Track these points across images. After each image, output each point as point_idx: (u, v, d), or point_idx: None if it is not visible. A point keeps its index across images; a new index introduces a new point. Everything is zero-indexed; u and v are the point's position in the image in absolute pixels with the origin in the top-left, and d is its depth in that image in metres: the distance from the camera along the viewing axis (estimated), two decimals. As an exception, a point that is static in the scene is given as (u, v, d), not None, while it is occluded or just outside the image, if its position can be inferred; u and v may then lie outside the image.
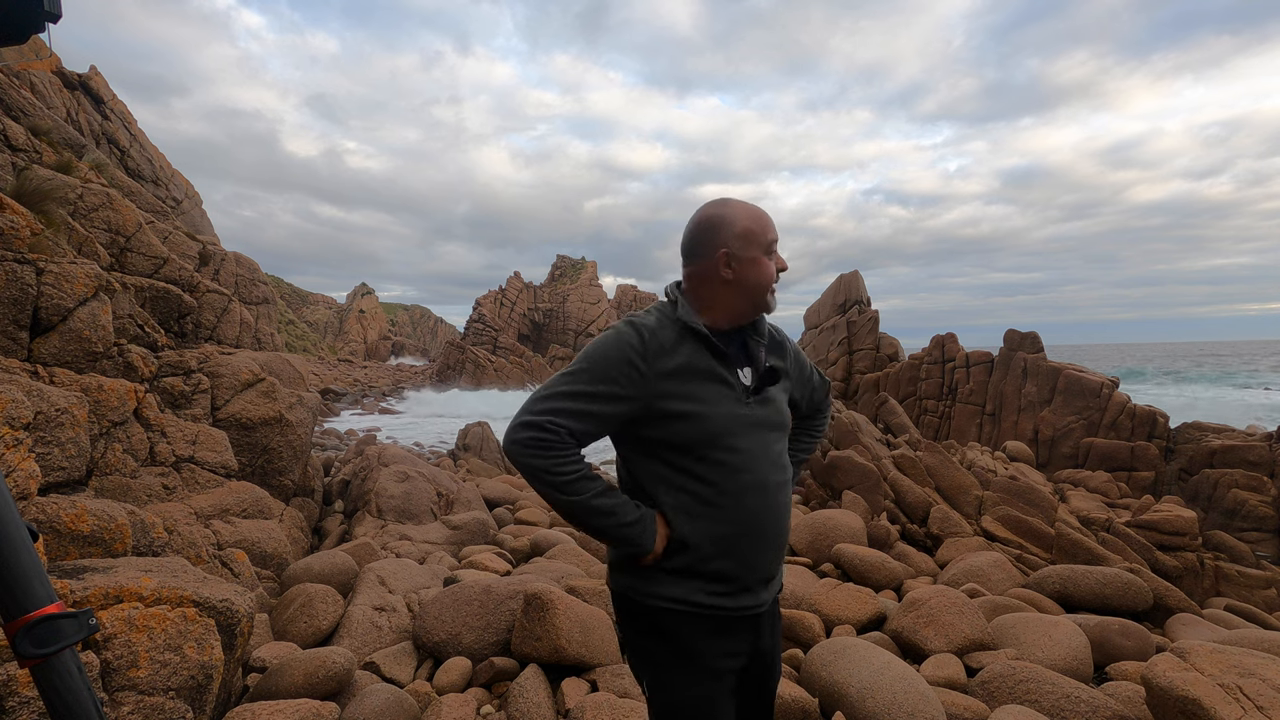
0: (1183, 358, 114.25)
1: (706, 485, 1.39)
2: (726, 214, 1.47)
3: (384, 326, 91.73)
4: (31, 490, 2.44)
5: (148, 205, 11.49)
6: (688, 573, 1.41)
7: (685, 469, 1.40)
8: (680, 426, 1.38)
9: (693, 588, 1.41)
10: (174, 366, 5.23)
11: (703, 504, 1.39)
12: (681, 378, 1.39)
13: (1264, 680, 2.54)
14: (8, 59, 10.97)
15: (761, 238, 1.46)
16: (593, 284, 67.30)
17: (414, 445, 18.01)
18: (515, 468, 1.40)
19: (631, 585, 1.45)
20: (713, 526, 1.39)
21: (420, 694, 2.91)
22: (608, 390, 1.36)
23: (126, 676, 1.90)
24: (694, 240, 1.49)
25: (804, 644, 3.85)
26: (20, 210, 4.30)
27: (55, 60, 17.11)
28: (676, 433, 1.39)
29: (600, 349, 1.39)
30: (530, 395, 1.40)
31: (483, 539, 5.91)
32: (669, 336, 1.42)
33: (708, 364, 1.42)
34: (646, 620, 1.44)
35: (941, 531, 7.41)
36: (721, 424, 1.40)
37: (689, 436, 1.39)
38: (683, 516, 1.40)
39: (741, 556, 1.43)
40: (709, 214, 1.48)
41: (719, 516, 1.40)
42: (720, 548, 1.40)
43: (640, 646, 1.47)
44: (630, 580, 1.46)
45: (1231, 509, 14.67)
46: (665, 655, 1.42)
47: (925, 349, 22.80)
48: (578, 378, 1.37)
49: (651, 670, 1.45)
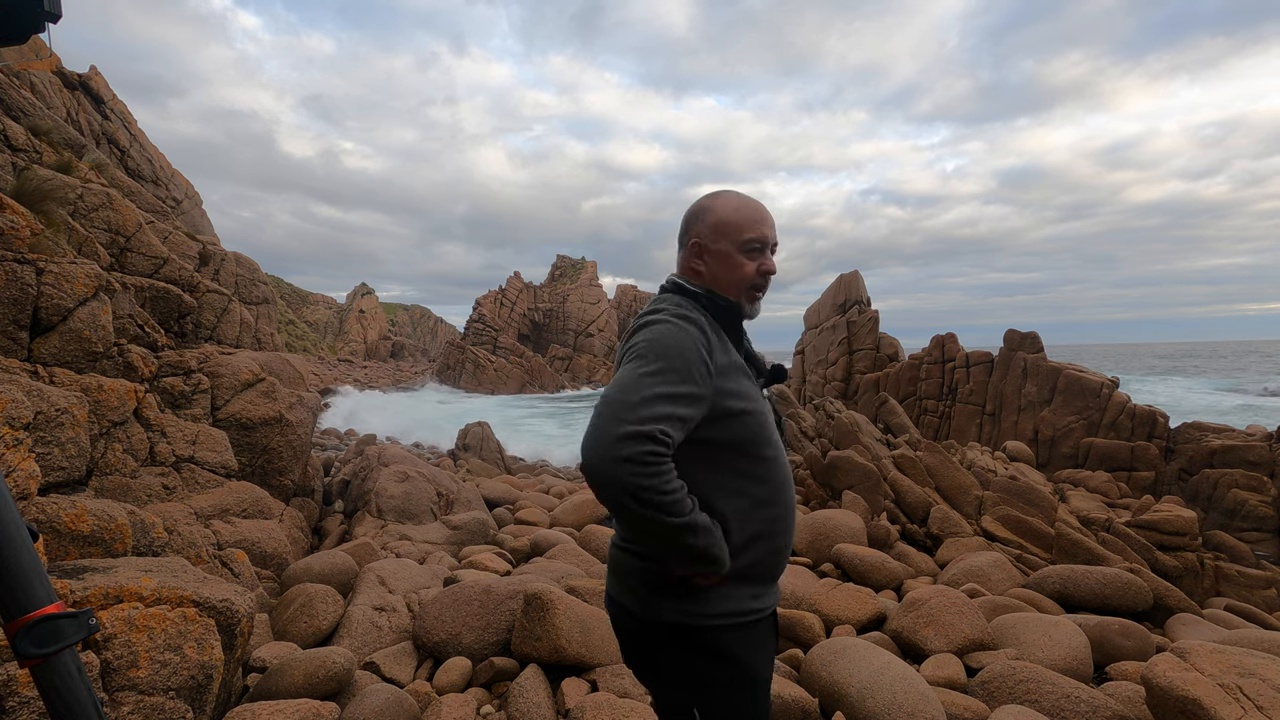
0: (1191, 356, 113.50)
1: (762, 484, 1.34)
2: (709, 203, 1.40)
3: (384, 326, 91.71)
4: (31, 490, 2.44)
5: (148, 205, 11.49)
6: (738, 580, 1.31)
7: (744, 471, 1.32)
8: (739, 424, 1.31)
9: (743, 596, 1.32)
10: (174, 366, 5.23)
11: (758, 505, 1.33)
12: (733, 374, 1.33)
13: (1264, 680, 2.54)
14: (8, 59, 10.96)
15: (736, 233, 1.35)
16: (593, 284, 67.30)
17: (414, 445, 18.02)
18: (606, 491, 1.13)
19: (685, 610, 1.30)
20: (765, 526, 1.34)
21: (420, 694, 2.91)
22: (694, 391, 1.21)
23: (126, 676, 1.90)
24: (681, 230, 1.45)
25: (804, 644, 3.85)
26: (20, 210, 4.30)
27: (55, 60, 17.11)
28: (736, 432, 1.31)
29: (675, 345, 1.23)
30: (612, 399, 1.17)
31: (483, 539, 5.91)
32: (706, 325, 1.34)
33: (739, 358, 1.37)
34: (703, 643, 1.30)
35: (941, 531, 7.41)
36: (766, 420, 1.36)
37: (745, 435, 1.31)
38: (739, 521, 1.30)
39: (782, 553, 1.40)
40: (696, 203, 1.43)
41: (772, 516, 1.35)
42: (769, 547, 1.35)
43: (695, 673, 1.31)
44: (682, 605, 1.30)
45: (1231, 509, 14.67)
46: (725, 677, 1.30)
47: (925, 349, 22.81)
48: (668, 378, 1.19)
49: (708, 696, 1.30)
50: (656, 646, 1.34)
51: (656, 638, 1.33)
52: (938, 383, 21.90)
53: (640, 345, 1.25)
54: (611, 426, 1.13)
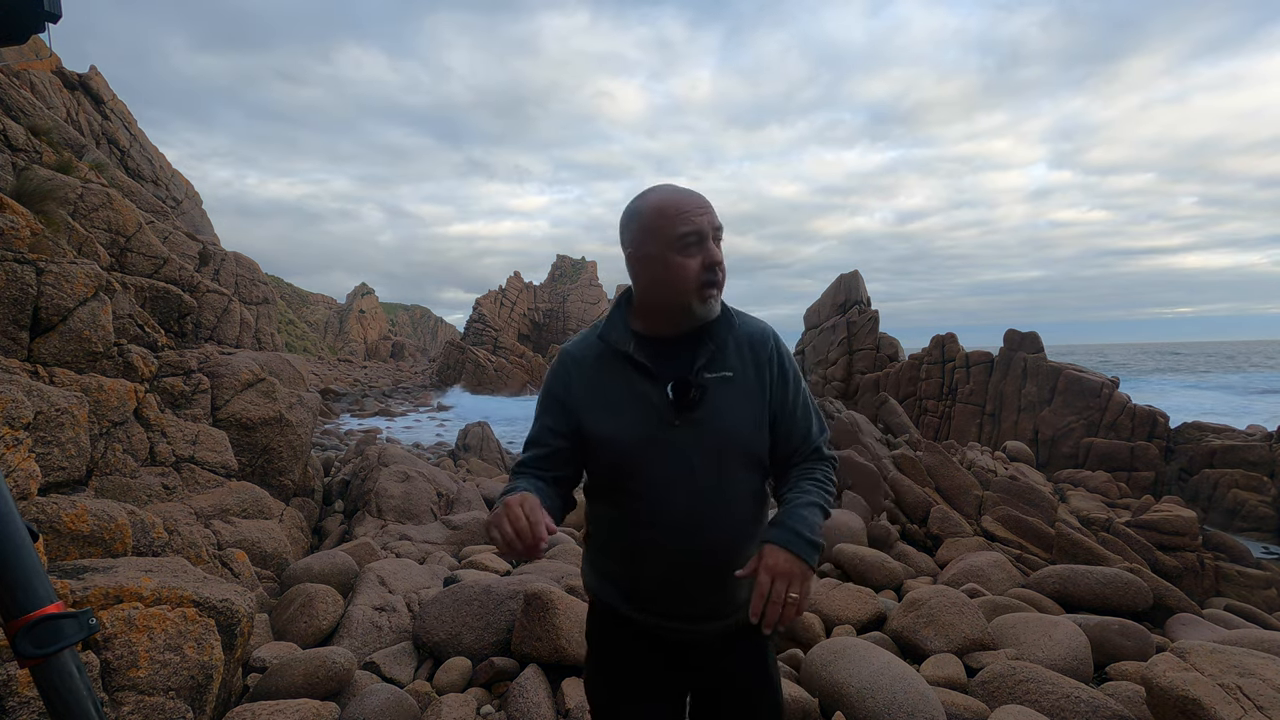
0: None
1: (619, 512, 1.32)
2: (635, 206, 1.29)
3: (384, 326, 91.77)
4: (31, 490, 2.44)
5: (148, 205, 11.49)
6: (595, 568, 1.45)
7: (603, 496, 1.36)
8: (595, 451, 1.31)
9: (601, 585, 1.43)
10: (174, 366, 5.23)
11: (614, 531, 1.37)
12: (595, 399, 1.30)
13: (1264, 680, 2.54)
14: (8, 59, 10.96)
15: (666, 232, 1.22)
16: (593, 284, 67.34)
17: (414, 445, 18.02)
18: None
19: (584, 571, 1.52)
20: (623, 556, 1.36)
21: (420, 694, 2.90)
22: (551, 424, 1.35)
23: (126, 676, 1.90)
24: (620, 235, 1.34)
25: (804, 644, 3.85)
26: (20, 210, 4.30)
27: (55, 60, 17.11)
28: (592, 457, 1.32)
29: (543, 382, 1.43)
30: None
31: (483, 539, 5.91)
32: (588, 355, 1.35)
33: (627, 380, 1.29)
34: (590, 608, 1.49)
35: (941, 531, 7.41)
36: (633, 449, 1.26)
37: (604, 462, 1.31)
38: (604, 526, 1.41)
39: (638, 582, 1.34)
40: (626, 208, 1.32)
41: (626, 552, 1.34)
42: (621, 570, 1.37)
43: (585, 629, 1.52)
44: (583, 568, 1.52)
45: (1231, 509, 14.67)
46: (591, 643, 1.48)
47: (925, 349, 22.81)
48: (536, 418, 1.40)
49: (588, 655, 1.51)
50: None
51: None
52: (938, 383, 21.90)
53: None
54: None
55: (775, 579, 1.14)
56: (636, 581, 1.35)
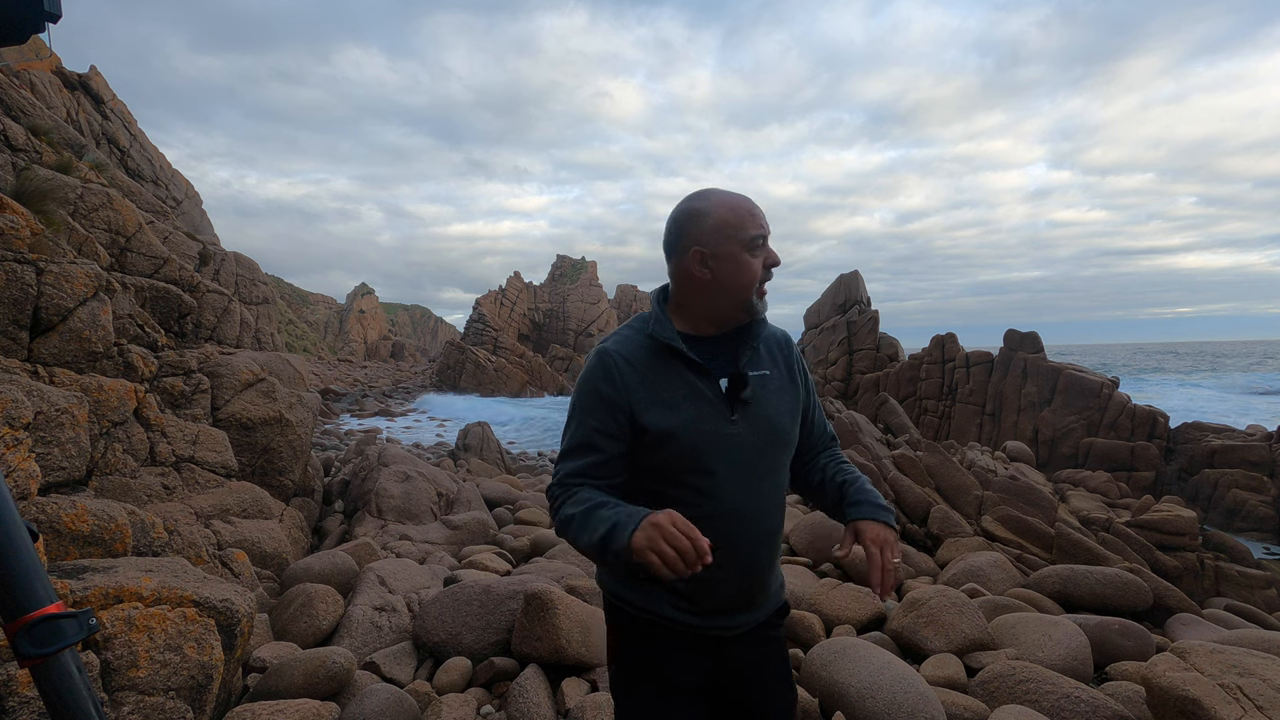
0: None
1: (679, 510, 1.30)
2: (701, 206, 1.33)
3: (384, 326, 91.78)
4: (31, 490, 2.44)
5: (148, 205, 11.49)
6: (658, 583, 1.35)
7: (659, 493, 1.32)
8: (654, 448, 1.30)
9: (658, 598, 1.36)
10: (174, 366, 5.23)
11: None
12: (652, 395, 1.30)
13: (1264, 680, 2.54)
14: (8, 59, 10.96)
15: (740, 232, 1.30)
16: (593, 284, 67.34)
17: (414, 445, 18.02)
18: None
19: (615, 589, 1.43)
20: None
21: (420, 694, 2.90)
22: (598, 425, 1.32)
23: (126, 676, 1.90)
24: (669, 237, 1.37)
25: (804, 644, 3.85)
26: (20, 210, 4.30)
27: (55, 60, 17.12)
28: (650, 454, 1.31)
29: (577, 386, 1.38)
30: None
31: (483, 539, 5.91)
32: (637, 353, 1.34)
33: (682, 377, 1.32)
34: (620, 621, 1.42)
35: (941, 531, 7.40)
36: (697, 443, 1.30)
37: (662, 458, 1.30)
38: None
39: (709, 584, 1.33)
40: (685, 207, 1.35)
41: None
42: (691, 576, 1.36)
43: (611, 643, 1.45)
44: (614, 584, 1.43)
45: (1231, 509, 14.68)
46: (628, 658, 1.41)
47: (925, 349, 22.82)
48: (568, 432, 1.37)
49: (616, 667, 1.43)
50: (609, 624, 1.47)
51: (609, 617, 1.47)
52: (938, 383, 21.91)
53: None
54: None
55: (883, 548, 1.29)
56: (696, 580, 1.32)
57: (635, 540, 1.12)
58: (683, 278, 1.36)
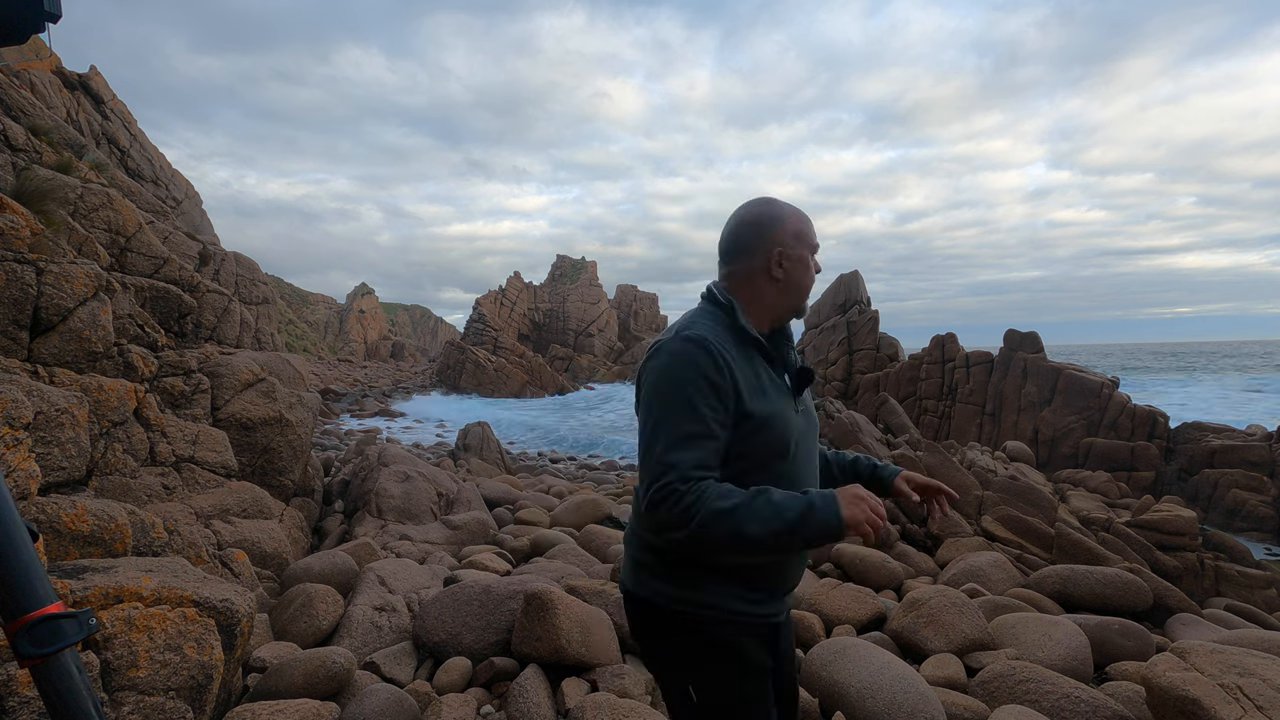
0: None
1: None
2: (778, 212, 1.44)
3: (384, 326, 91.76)
4: (31, 490, 2.44)
5: (148, 205, 11.49)
6: (727, 579, 1.36)
7: (742, 478, 1.33)
8: (751, 435, 1.34)
9: (731, 595, 1.37)
10: (174, 366, 5.23)
11: None
12: (749, 383, 1.35)
13: (1264, 680, 2.54)
14: (8, 59, 10.96)
15: (811, 238, 1.46)
16: (593, 284, 67.33)
17: (414, 445, 18.02)
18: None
19: (682, 597, 1.38)
20: None
21: (420, 694, 2.90)
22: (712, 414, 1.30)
23: (126, 676, 1.90)
24: (742, 238, 1.45)
25: (804, 644, 3.85)
26: (20, 210, 4.30)
27: (55, 60, 17.12)
28: (747, 441, 1.34)
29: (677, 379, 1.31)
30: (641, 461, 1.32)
31: (483, 539, 5.91)
32: (728, 341, 1.36)
33: (767, 370, 1.40)
34: (693, 628, 1.38)
35: (941, 531, 7.40)
36: (786, 432, 1.38)
37: (757, 444, 1.34)
38: None
39: (782, 568, 1.42)
40: (759, 211, 1.45)
41: None
42: (775, 564, 1.40)
43: (689, 656, 1.39)
44: (680, 592, 1.38)
45: (1231, 509, 14.68)
46: (716, 658, 1.38)
47: (925, 349, 22.81)
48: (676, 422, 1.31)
49: (702, 675, 1.38)
50: (658, 631, 1.43)
51: (657, 622, 1.42)
52: (938, 383, 21.90)
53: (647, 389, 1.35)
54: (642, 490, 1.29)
55: (931, 488, 1.54)
56: (779, 566, 1.41)
57: (850, 515, 1.21)
58: (756, 277, 1.44)
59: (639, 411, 1.36)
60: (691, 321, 1.39)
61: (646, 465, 1.28)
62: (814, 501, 1.22)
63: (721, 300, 1.43)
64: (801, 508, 1.22)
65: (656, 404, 1.31)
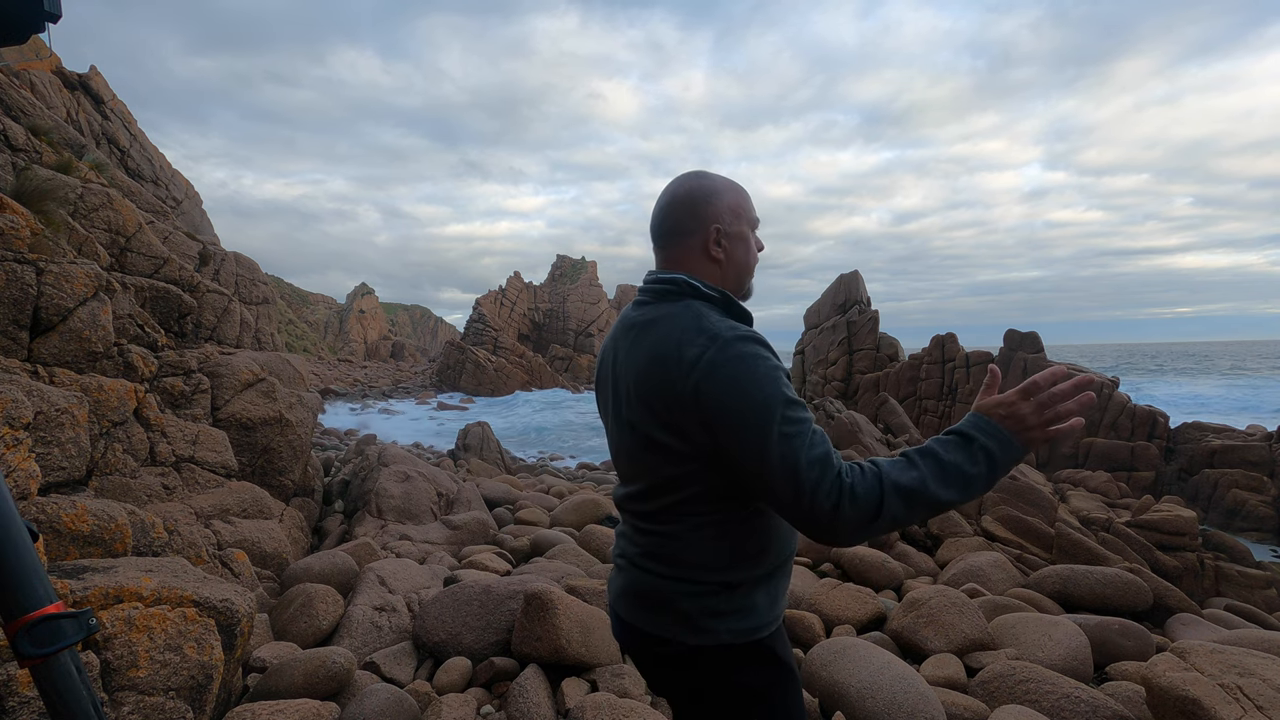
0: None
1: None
2: (711, 185, 1.29)
3: (384, 326, 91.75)
4: (31, 490, 2.44)
5: (148, 205, 11.48)
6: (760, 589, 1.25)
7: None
8: None
9: (762, 608, 1.27)
10: (174, 366, 5.23)
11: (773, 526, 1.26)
12: None
13: (1264, 680, 2.54)
14: (8, 59, 10.96)
15: (750, 213, 1.32)
16: (593, 284, 67.33)
17: (414, 445, 18.02)
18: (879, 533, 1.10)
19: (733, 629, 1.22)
20: (787, 548, 1.29)
21: (420, 694, 2.90)
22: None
23: (126, 676, 1.90)
24: (676, 218, 1.29)
25: (804, 644, 3.85)
26: (20, 210, 4.30)
27: (55, 60, 17.12)
28: None
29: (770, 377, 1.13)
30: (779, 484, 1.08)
31: (483, 539, 5.91)
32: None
33: None
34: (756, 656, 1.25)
35: (941, 531, 7.40)
36: None
37: None
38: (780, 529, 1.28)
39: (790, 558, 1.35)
40: (691, 186, 1.29)
41: (788, 540, 1.30)
42: (786, 572, 1.32)
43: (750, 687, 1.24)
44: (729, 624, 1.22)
45: (1231, 509, 14.68)
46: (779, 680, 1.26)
47: (925, 349, 22.81)
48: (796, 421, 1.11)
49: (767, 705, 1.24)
50: (727, 671, 1.24)
51: (727, 663, 1.24)
52: (938, 383, 21.90)
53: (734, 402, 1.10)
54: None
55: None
56: (790, 555, 1.32)
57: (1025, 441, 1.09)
58: (695, 257, 1.28)
59: (711, 435, 1.12)
60: (710, 317, 1.19)
61: (786, 477, 1.06)
62: (989, 448, 1.08)
63: (713, 293, 1.24)
64: (978, 450, 1.08)
65: (757, 413, 1.08)
